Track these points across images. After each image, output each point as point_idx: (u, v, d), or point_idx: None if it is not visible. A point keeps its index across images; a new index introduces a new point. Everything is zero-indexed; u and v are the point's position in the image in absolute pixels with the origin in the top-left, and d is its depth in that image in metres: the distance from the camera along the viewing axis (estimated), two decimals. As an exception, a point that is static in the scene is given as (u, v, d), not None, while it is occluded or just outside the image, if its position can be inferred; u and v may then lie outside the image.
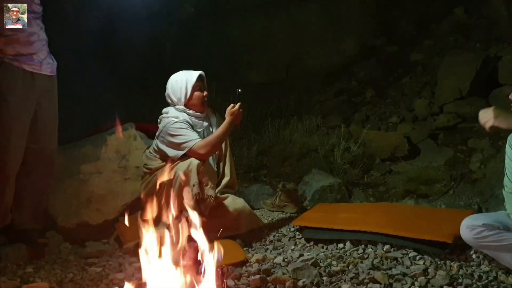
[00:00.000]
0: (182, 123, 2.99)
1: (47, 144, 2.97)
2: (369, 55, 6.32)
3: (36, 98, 2.86)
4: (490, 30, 5.64)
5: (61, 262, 2.86)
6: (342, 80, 6.20)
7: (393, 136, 4.56)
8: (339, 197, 3.89)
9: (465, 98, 4.81)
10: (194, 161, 2.90)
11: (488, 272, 2.48)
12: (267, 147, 4.81)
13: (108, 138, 3.48)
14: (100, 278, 2.60)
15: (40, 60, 2.85)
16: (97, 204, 3.32)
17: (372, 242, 2.88)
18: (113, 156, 3.47)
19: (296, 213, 3.66)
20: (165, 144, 3.00)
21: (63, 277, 2.62)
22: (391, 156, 4.45)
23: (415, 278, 2.41)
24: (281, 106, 5.75)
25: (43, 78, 2.88)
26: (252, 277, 2.46)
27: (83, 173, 3.36)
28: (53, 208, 3.23)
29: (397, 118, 5.10)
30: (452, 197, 3.69)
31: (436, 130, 4.71)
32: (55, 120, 3.02)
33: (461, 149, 4.34)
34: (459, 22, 6.05)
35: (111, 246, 3.15)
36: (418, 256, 2.68)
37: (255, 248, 3.06)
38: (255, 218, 3.36)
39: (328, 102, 5.86)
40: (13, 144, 2.79)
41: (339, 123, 4.98)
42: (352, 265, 2.61)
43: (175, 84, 3.11)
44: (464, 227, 2.47)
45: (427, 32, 6.25)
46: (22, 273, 2.66)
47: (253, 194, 4.01)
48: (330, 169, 4.23)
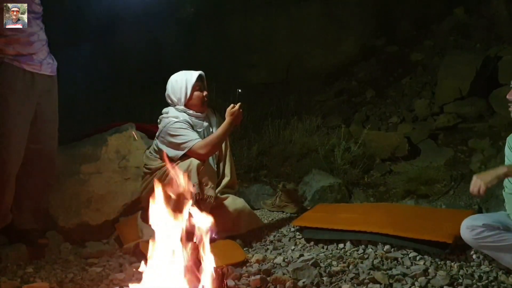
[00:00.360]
0: (182, 123, 2.99)
1: (47, 144, 2.97)
2: (369, 55, 6.32)
3: (36, 98, 2.86)
4: (490, 30, 5.64)
5: (61, 262, 2.86)
6: (342, 80, 6.20)
7: (393, 136, 4.56)
8: (339, 197, 3.89)
9: (465, 98, 4.82)
10: (194, 161, 2.90)
11: (488, 272, 2.48)
12: (267, 147, 4.81)
13: (108, 139, 3.47)
14: (100, 278, 2.60)
15: (40, 60, 2.85)
16: (97, 204, 3.32)
17: (372, 242, 2.88)
18: (113, 156, 3.47)
19: (296, 213, 3.66)
20: (165, 144, 3.00)
21: (63, 277, 2.62)
22: (391, 156, 4.45)
23: (415, 278, 2.41)
24: (281, 106, 5.76)
25: (43, 78, 2.87)
26: (252, 277, 2.46)
27: (83, 173, 3.36)
28: (53, 208, 3.23)
29: (397, 118, 5.10)
30: (452, 197, 3.69)
31: (436, 130, 4.71)
32: (55, 120, 3.02)
33: (461, 149, 4.34)
34: (459, 22, 6.05)
35: (111, 246, 3.15)
36: (418, 256, 2.68)
37: (255, 248, 3.06)
38: (255, 218, 3.36)
39: (328, 102, 5.86)
40: (14, 144, 2.78)
41: (339, 123, 4.99)
42: (352, 265, 2.61)
43: (175, 84, 3.11)
44: (464, 228, 2.47)
45: (427, 32, 6.25)
46: (22, 273, 2.66)
47: (253, 194, 4.01)
48: (330, 169, 4.23)
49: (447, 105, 4.87)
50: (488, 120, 4.55)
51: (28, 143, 2.86)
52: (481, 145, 4.19)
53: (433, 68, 5.53)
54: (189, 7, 7.00)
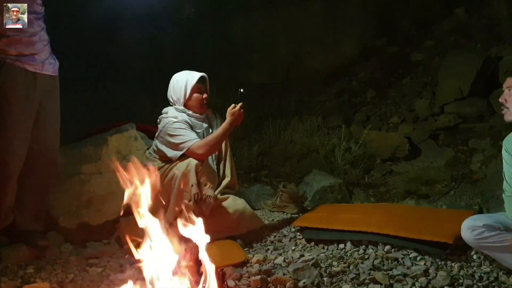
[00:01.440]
0: (181, 123, 2.99)
1: (49, 145, 2.97)
2: (370, 55, 6.33)
3: (38, 98, 2.86)
4: (491, 31, 5.65)
5: (62, 262, 2.85)
6: (343, 80, 6.20)
7: (394, 137, 4.56)
8: (340, 198, 3.90)
9: (466, 99, 4.82)
10: (192, 161, 2.89)
11: (489, 273, 2.48)
12: (268, 147, 4.81)
13: (109, 139, 3.47)
14: (100, 279, 2.60)
15: (42, 60, 2.85)
16: (98, 204, 3.31)
17: (372, 243, 2.88)
18: (114, 157, 3.47)
19: (296, 213, 3.66)
20: (164, 144, 3.00)
21: (63, 278, 2.63)
22: (392, 157, 4.45)
23: (416, 278, 2.42)
24: (282, 107, 5.76)
25: (45, 78, 2.87)
26: (252, 277, 2.46)
27: (84, 173, 3.35)
28: (54, 208, 3.22)
29: (398, 119, 5.11)
30: (453, 198, 3.69)
31: (436, 130, 4.71)
32: (57, 121, 3.01)
33: (462, 149, 4.35)
34: (459, 23, 6.05)
35: (112, 246, 3.15)
36: (419, 257, 2.68)
37: (256, 249, 3.06)
38: (255, 218, 3.35)
39: (329, 102, 5.87)
40: (15, 145, 2.78)
41: (339, 124, 4.99)
42: (353, 265, 2.61)
43: (176, 84, 3.11)
44: (465, 228, 2.47)
45: (427, 33, 6.26)
46: (23, 273, 2.66)
47: (254, 194, 4.01)
48: (330, 169, 4.23)
49: (448, 105, 4.87)
50: (488, 120, 4.55)
51: (30, 144, 2.86)
52: (482, 145, 4.19)
53: (433, 68, 5.54)
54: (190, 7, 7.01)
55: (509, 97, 2.43)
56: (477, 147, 4.22)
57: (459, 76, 4.87)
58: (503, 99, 2.46)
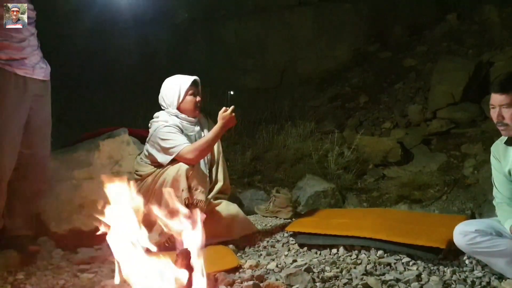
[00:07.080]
0: (171, 127, 2.97)
1: (39, 150, 2.94)
2: (363, 61, 6.36)
3: (29, 102, 2.83)
4: (483, 36, 5.69)
5: (52, 268, 2.82)
6: (336, 85, 6.22)
7: (387, 142, 4.57)
8: (333, 203, 3.90)
9: (458, 104, 4.85)
10: (183, 166, 2.87)
11: (481, 277, 2.48)
12: (261, 152, 4.81)
13: (101, 144, 3.45)
14: (92, 285, 2.57)
15: (33, 64, 2.83)
16: (89, 210, 3.29)
17: (365, 248, 2.88)
18: (106, 162, 3.45)
19: (290, 218, 3.66)
20: (155, 149, 2.98)
21: (54, 284, 2.60)
22: (385, 162, 4.46)
23: (408, 283, 2.41)
24: (275, 112, 5.77)
25: (35, 83, 2.85)
26: (245, 283, 2.44)
27: (75, 178, 3.33)
28: (45, 214, 3.20)
29: (391, 124, 5.12)
30: (445, 203, 3.70)
31: (429, 135, 4.73)
32: (48, 125, 2.99)
33: (454, 154, 4.36)
34: (452, 28, 6.10)
35: (104, 252, 3.12)
36: (411, 262, 2.68)
37: (249, 254, 3.05)
38: (248, 224, 3.34)
39: (322, 107, 5.88)
40: (6, 149, 2.76)
41: (332, 129, 5.00)
42: (346, 270, 2.60)
43: (169, 87, 3.10)
44: (457, 233, 2.47)
45: (420, 38, 6.30)
46: (13, 279, 2.63)
47: (247, 199, 4.00)
48: (324, 174, 4.23)
49: (440, 111, 4.89)
50: (481, 125, 4.57)
51: (21, 148, 2.83)
52: (474, 150, 4.21)
53: (426, 73, 5.57)
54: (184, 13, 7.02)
55: (506, 114, 2.36)
56: (470, 152, 4.24)
57: (451, 81, 4.90)
58: (500, 116, 2.36)
